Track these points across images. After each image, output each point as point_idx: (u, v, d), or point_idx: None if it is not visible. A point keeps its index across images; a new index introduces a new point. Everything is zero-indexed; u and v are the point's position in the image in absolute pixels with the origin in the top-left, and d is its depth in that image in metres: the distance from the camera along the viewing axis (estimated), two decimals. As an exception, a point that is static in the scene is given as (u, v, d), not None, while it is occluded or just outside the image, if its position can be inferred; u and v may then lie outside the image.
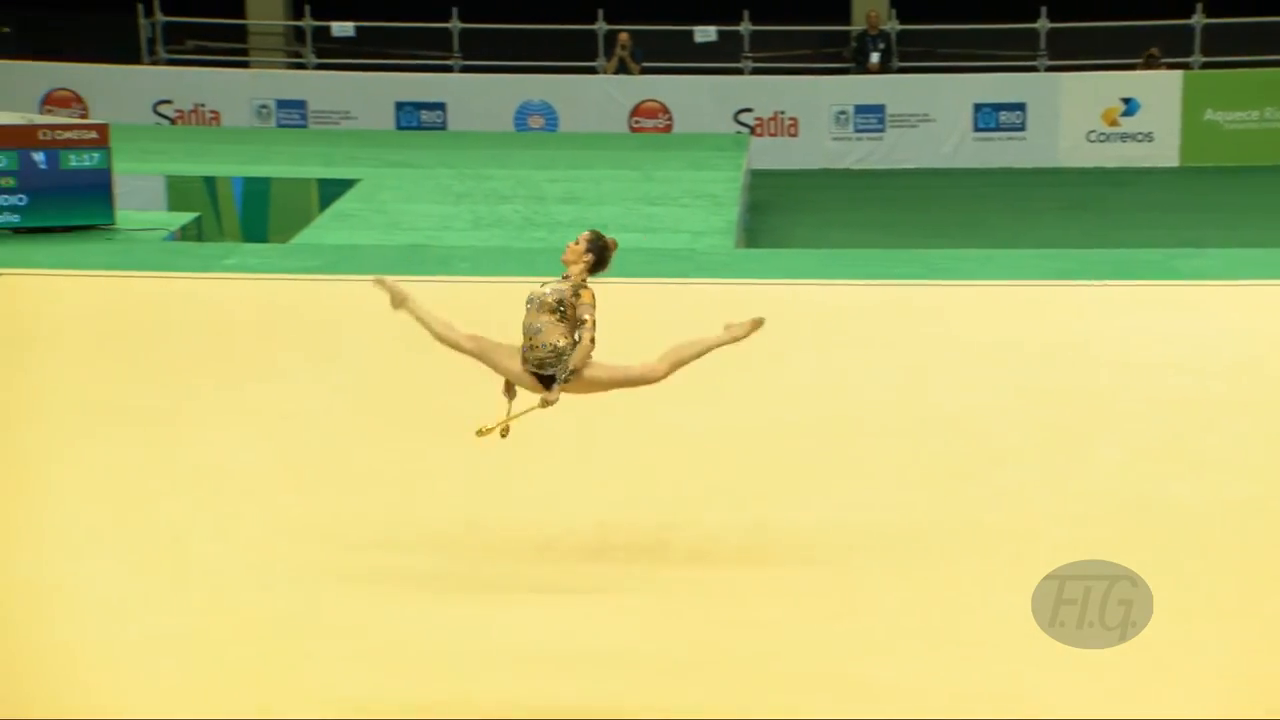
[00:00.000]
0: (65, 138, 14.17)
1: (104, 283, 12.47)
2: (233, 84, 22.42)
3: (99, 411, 8.96)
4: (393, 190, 17.62)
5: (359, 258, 13.83)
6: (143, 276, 12.76)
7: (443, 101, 22.58)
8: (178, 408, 9.18)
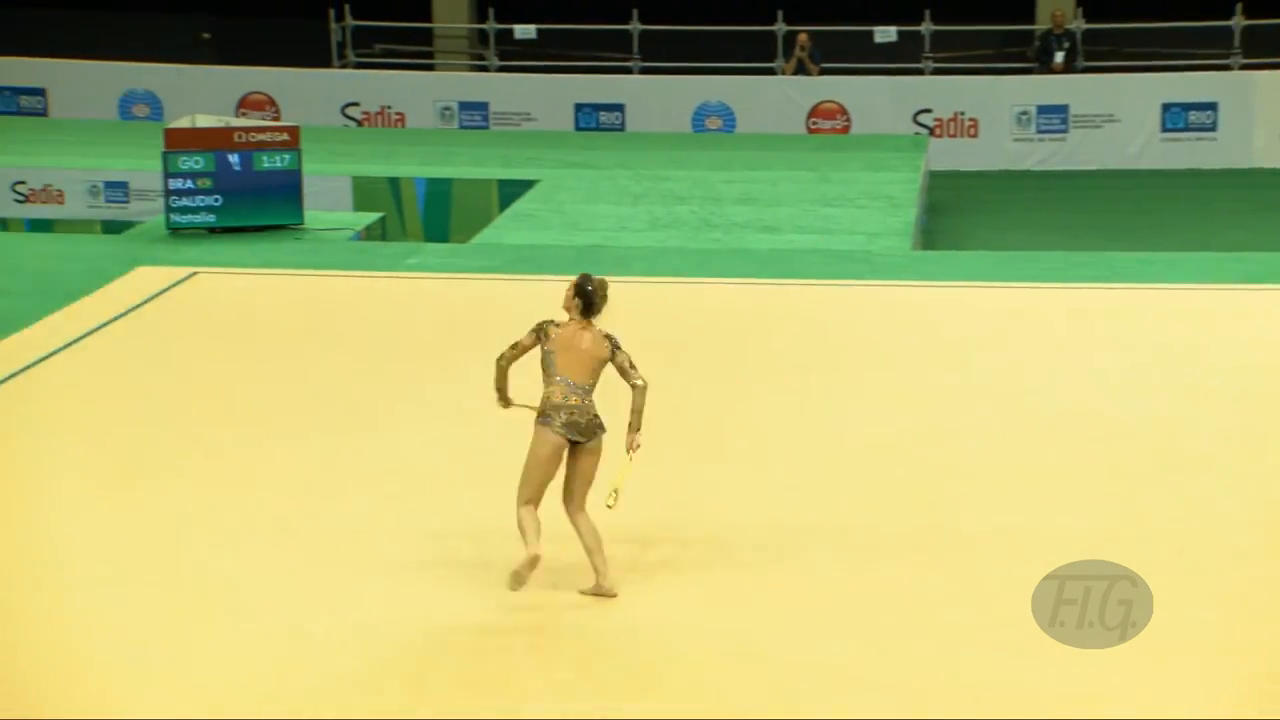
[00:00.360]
0: (258, 140, 14.58)
1: (292, 281, 12.82)
2: (417, 86, 22.82)
3: (286, 406, 9.23)
4: (571, 191, 17.79)
5: (537, 258, 14.01)
6: (329, 275, 13.09)
7: (621, 103, 22.73)
8: (361, 404, 9.41)
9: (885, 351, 10.93)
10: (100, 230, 17.46)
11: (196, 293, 12.33)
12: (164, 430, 8.73)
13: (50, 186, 18.08)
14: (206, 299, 12.16)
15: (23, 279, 12.62)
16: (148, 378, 7.73)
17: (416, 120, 22.62)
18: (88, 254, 13.75)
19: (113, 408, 9.27)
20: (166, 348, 10.66)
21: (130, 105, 22.42)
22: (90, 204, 18.09)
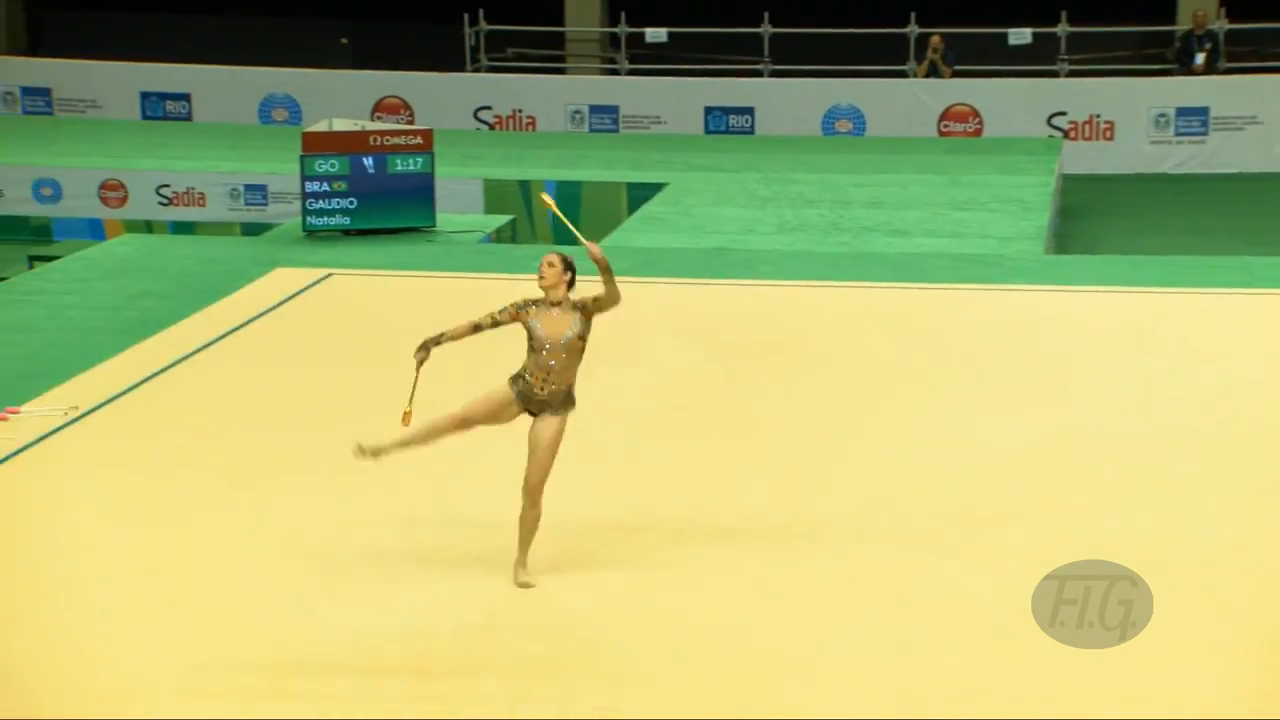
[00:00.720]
0: (393, 143, 14.82)
1: (424, 283, 13.01)
2: (549, 89, 23.03)
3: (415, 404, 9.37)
4: (700, 194, 17.83)
5: (665, 260, 14.07)
6: (459, 277, 13.26)
7: (751, 106, 22.71)
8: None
9: (1016, 356, 10.81)
10: (240, 232, 17.88)
11: (331, 294, 12.57)
12: (297, 427, 8.92)
13: (193, 190, 18.56)
14: (341, 300, 12.39)
15: (166, 280, 12.98)
16: (283, 377, 7.91)
17: (547, 124, 22.82)
18: (228, 256, 14.09)
19: (249, 406, 9.49)
20: (302, 347, 10.89)
21: (270, 110, 22.90)
22: (230, 206, 18.54)
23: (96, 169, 18.73)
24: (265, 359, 10.26)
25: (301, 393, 9.69)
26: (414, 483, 8.12)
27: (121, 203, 18.57)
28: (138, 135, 21.44)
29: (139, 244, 14.67)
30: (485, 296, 12.75)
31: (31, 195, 18.55)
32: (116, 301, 12.17)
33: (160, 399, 9.69)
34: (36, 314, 11.71)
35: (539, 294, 7.07)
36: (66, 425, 9.00)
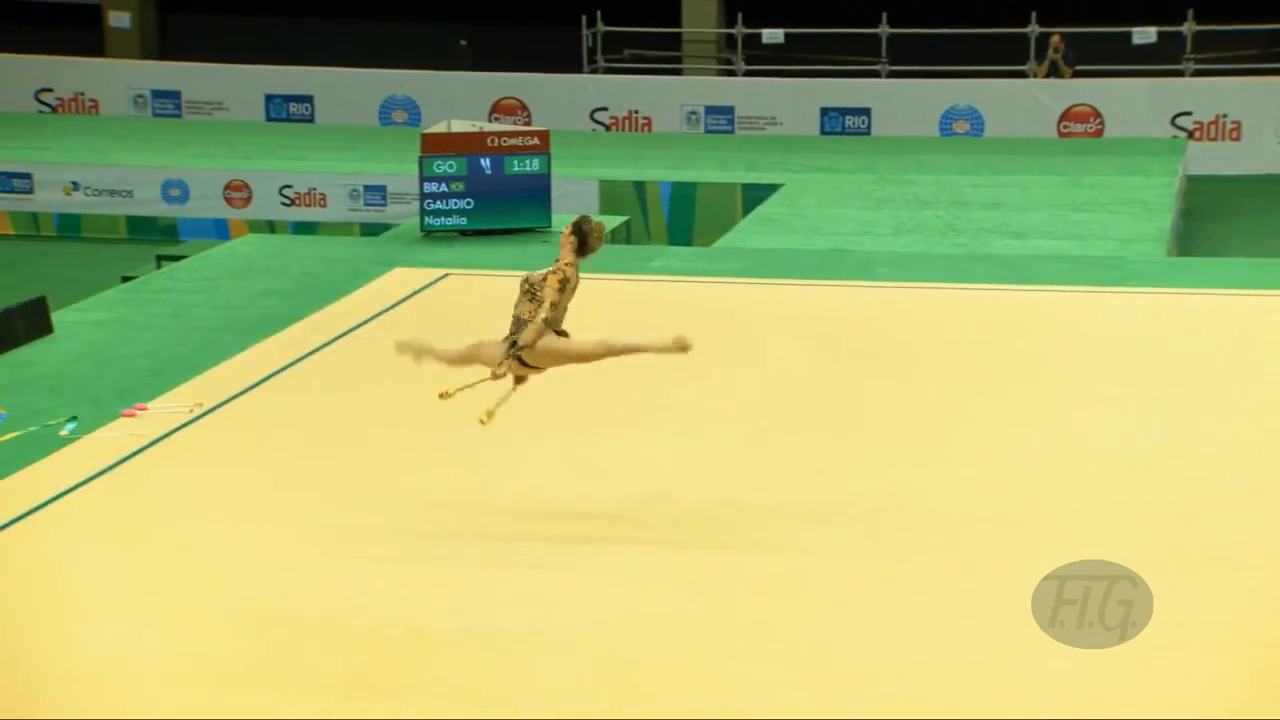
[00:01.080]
0: (510, 144, 14.96)
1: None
2: (665, 90, 23.09)
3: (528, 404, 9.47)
4: (815, 195, 17.78)
5: (779, 261, 14.05)
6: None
7: (868, 107, 22.59)
8: (600, 405, 9.60)
9: (1134, 359, 10.66)
10: (359, 232, 18.16)
11: (448, 293, 12.72)
12: (413, 425, 9.04)
13: (314, 190, 18.88)
14: (457, 300, 12.54)
15: (287, 280, 13.22)
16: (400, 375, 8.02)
17: (663, 124, 22.88)
18: (347, 256, 14.32)
19: (367, 403, 9.64)
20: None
21: (390, 111, 23.21)
22: (350, 207, 18.83)
23: (222, 170, 19.14)
24: (383, 357, 10.38)
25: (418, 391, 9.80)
26: (534, 471, 8.20)
27: (246, 203, 18.95)
28: (262, 137, 21.85)
29: (262, 244, 14.96)
30: (598, 297, 12.86)
31: (160, 196, 18.99)
32: (240, 300, 12.43)
33: (281, 396, 9.88)
34: (163, 313, 12.00)
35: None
36: (191, 422, 9.21)
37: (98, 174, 19.06)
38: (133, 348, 10.93)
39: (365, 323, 11.67)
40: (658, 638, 6.41)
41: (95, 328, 11.48)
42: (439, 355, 7.35)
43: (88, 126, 22.48)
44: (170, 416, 9.25)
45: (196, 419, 9.27)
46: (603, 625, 6.52)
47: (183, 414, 9.32)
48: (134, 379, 10.10)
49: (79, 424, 9.08)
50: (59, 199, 19.03)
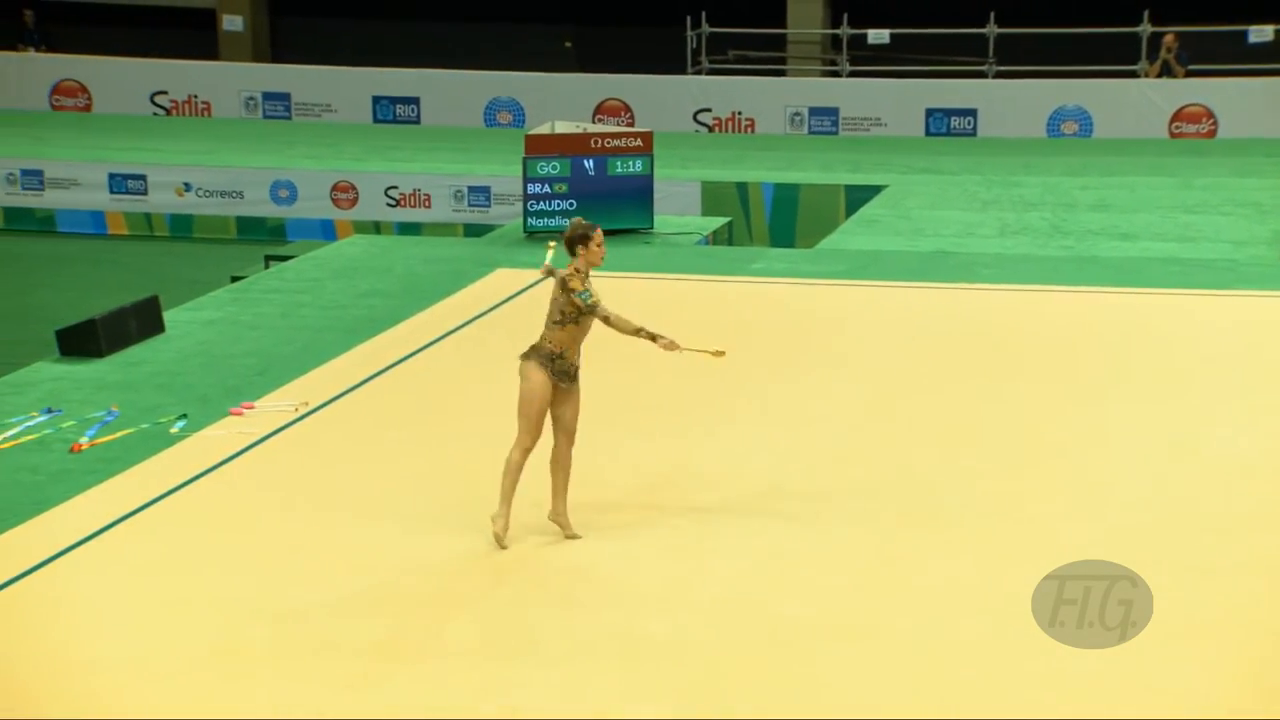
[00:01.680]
0: (613, 145, 15.01)
1: (641, 284, 13.12)
2: (769, 91, 23.03)
3: (630, 405, 9.50)
4: (919, 196, 17.64)
5: (882, 263, 13.97)
6: (676, 279, 13.37)
7: (974, 108, 22.36)
8: (700, 406, 9.61)
9: (1248, 364, 10.47)
10: (462, 233, 18.31)
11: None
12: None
13: (419, 191, 19.07)
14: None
15: (392, 280, 13.37)
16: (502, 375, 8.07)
17: (767, 126, 22.81)
18: (451, 256, 14.45)
19: (469, 403, 9.72)
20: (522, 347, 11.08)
21: (495, 112, 23.37)
22: (455, 208, 18.99)
23: (329, 171, 19.39)
24: (486, 358, 10.50)
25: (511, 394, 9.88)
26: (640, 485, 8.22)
27: (352, 204, 19.18)
28: (369, 138, 22.10)
29: (367, 244, 15.14)
30: (701, 298, 12.88)
31: (269, 197, 19.29)
32: (345, 300, 12.59)
33: (385, 395, 9.99)
34: (271, 312, 12.18)
35: (552, 273, 7.49)
36: (297, 421, 9.35)
37: (209, 175, 19.39)
38: (241, 347, 11.11)
39: (468, 323, 11.77)
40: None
41: (205, 327, 11.69)
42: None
43: (200, 128, 22.88)
44: (276, 415, 9.39)
45: (302, 418, 9.41)
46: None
47: (288, 413, 9.46)
48: (242, 378, 10.27)
49: (188, 422, 9.24)
50: (172, 200, 19.38)
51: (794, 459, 8.64)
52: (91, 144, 20.89)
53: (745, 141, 22.15)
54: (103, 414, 9.36)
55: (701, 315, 12.08)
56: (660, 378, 10.08)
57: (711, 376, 10.25)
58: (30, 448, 8.79)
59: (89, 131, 22.19)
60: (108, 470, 8.42)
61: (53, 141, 21.09)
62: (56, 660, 6.35)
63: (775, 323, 11.84)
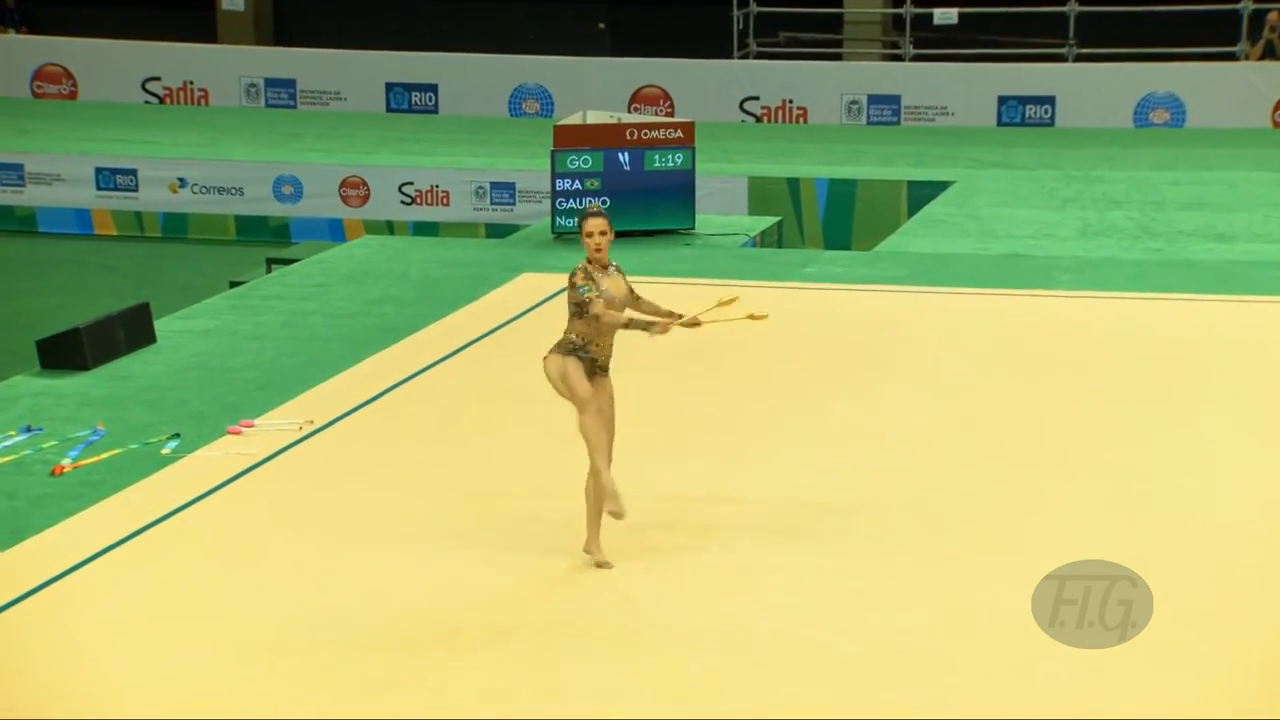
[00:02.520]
0: (650, 137, 15.04)
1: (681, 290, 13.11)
2: (823, 78, 23.04)
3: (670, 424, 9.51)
4: (989, 193, 17.61)
5: (948, 268, 13.95)
6: (719, 284, 13.36)
7: (1051, 95, 22.33)
8: (742, 422, 9.60)
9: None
10: (484, 234, 18.39)
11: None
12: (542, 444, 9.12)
13: (436, 188, 19.16)
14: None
15: (406, 285, 13.43)
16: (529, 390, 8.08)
17: (821, 115, 22.82)
18: (471, 259, 14.50)
19: (492, 421, 9.75)
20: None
21: (520, 101, 23.45)
22: (476, 206, 19.06)
23: (338, 165, 19.51)
24: (510, 371, 10.52)
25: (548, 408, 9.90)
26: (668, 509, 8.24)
27: (363, 201, 19.29)
28: (382, 129, 22.23)
29: (379, 246, 15.22)
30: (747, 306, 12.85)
31: (272, 194, 19.41)
32: (355, 308, 12.66)
33: (399, 412, 10.03)
34: (273, 321, 12.25)
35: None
36: (302, 440, 9.39)
37: (206, 169, 19.54)
38: (240, 359, 11.18)
39: (491, 333, 11.81)
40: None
41: (200, 337, 11.76)
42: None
43: (196, 118, 23.06)
44: (279, 434, 9.44)
45: (307, 437, 9.45)
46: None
47: (293, 432, 9.50)
48: (241, 393, 10.33)
49: (181, 442, 9.30)
50: (164, 197, 19.53)
51: (850, 482, 8.63)
52: (77, 135, 21.08)
53: (797, 133, 22.16)
54: (87, 433, 9.43)
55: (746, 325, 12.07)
56: (700, 393, 10.08)
57: (757, 392, 10.24)
58: (8, 470, 8.86)
59: (74, 121, 22.40)
60: (93, 495, 8.47)
61: (34, 133, 21.30)
62: (35, 705, 6.38)
63: (829, 334, 11.83)
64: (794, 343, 11.45)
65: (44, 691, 6.47)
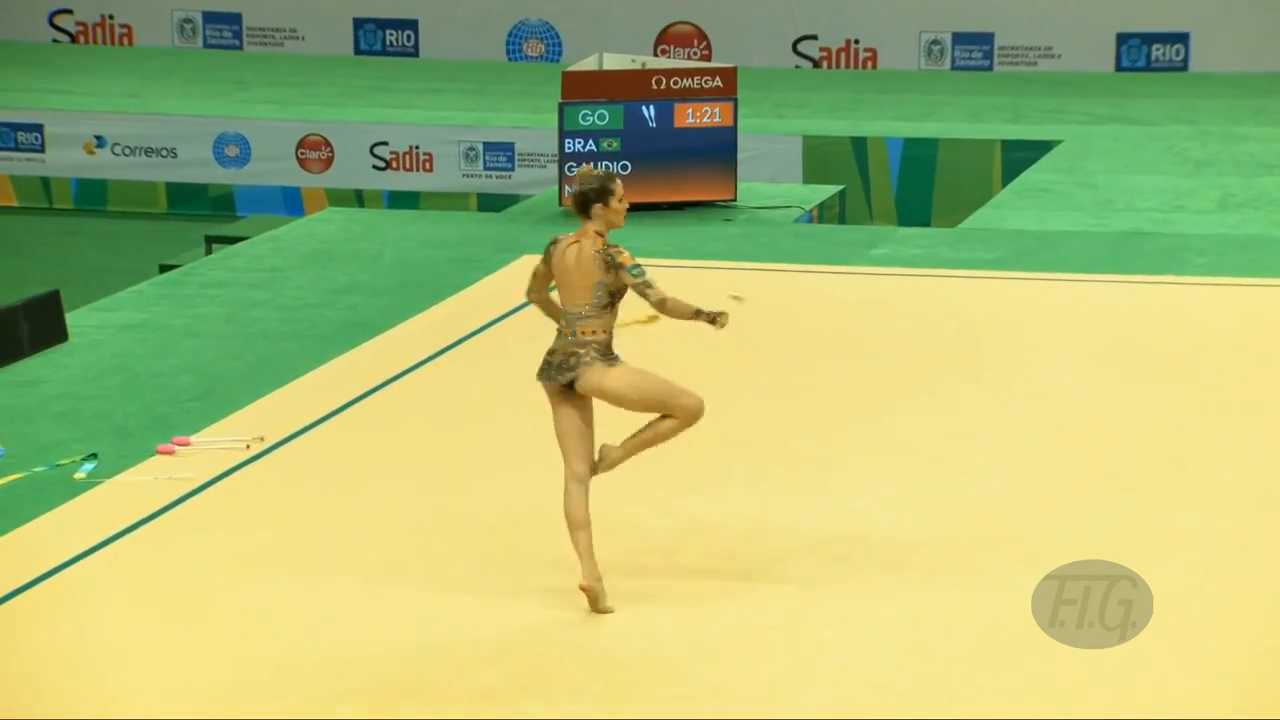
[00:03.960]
0: (682, 86, 15.05)
1: (718, 277, 13.13)
2: (895, 10, 22.83)
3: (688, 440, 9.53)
4: (1104, 155, 17.56)
5: (1056, 247, 13.92)
6: (766, 269, 13.36)
7: (1184, 32, 22.26)
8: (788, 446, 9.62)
9: None
10: (476, 206, 18.42)
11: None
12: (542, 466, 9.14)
13: (416, 149, 19.18)
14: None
15: (380, 272, 13.45)
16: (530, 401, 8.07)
17: (892, 58, 22.77)
18: (461, 238, 14.52)
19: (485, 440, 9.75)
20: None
21: (520, 42, 23.45)
22: (465, 172, 19.09)
23: (294, 121, 19.54)
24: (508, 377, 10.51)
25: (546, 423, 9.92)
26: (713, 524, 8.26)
27: (325, 165, 19.34)
28: (348, 76, 22.24)
29: (346, 221, 15.25)
30: (801, 298, 12.88)
31: (213, 155, 19.46)
32: (315, 298, 12.68)
33: (370, 429, 10.05)
34: (214, 314, 12.29)
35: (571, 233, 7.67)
36: (249, 462, 9.42)
37: (130, 125, 19.58)
38: (172, 361, 11.21)
39: (483, 329, 11.82)
40: None
41: (123, 333, 11.80)
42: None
43: (118, 61, 23.09)
44: (221, 455, 9.47)
45: (257, 458, 9.47)
46: None
47: (239, 451, 9.53)
48: (174, 403, 10.36)
49: (99, 464, 9.33)
50: (78, 159, 19.59)
51: (927, 513, 8.63)
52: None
53: (863, 80, 22.12)
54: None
55: (800, 321, 12.07)
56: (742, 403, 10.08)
57: (813, 404, 10.24)
58: (-116, 499, 8.90)
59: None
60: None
61: (-86, 80, 21.35)
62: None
63: (902, 331, 11.81)
64: (858, 345, 11.44)
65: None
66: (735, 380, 10.55)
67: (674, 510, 8.63)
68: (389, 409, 10.38)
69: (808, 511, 8.70)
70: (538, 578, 7.89)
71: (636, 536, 8.26)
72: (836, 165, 17.91)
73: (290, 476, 9.31)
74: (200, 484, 9.10)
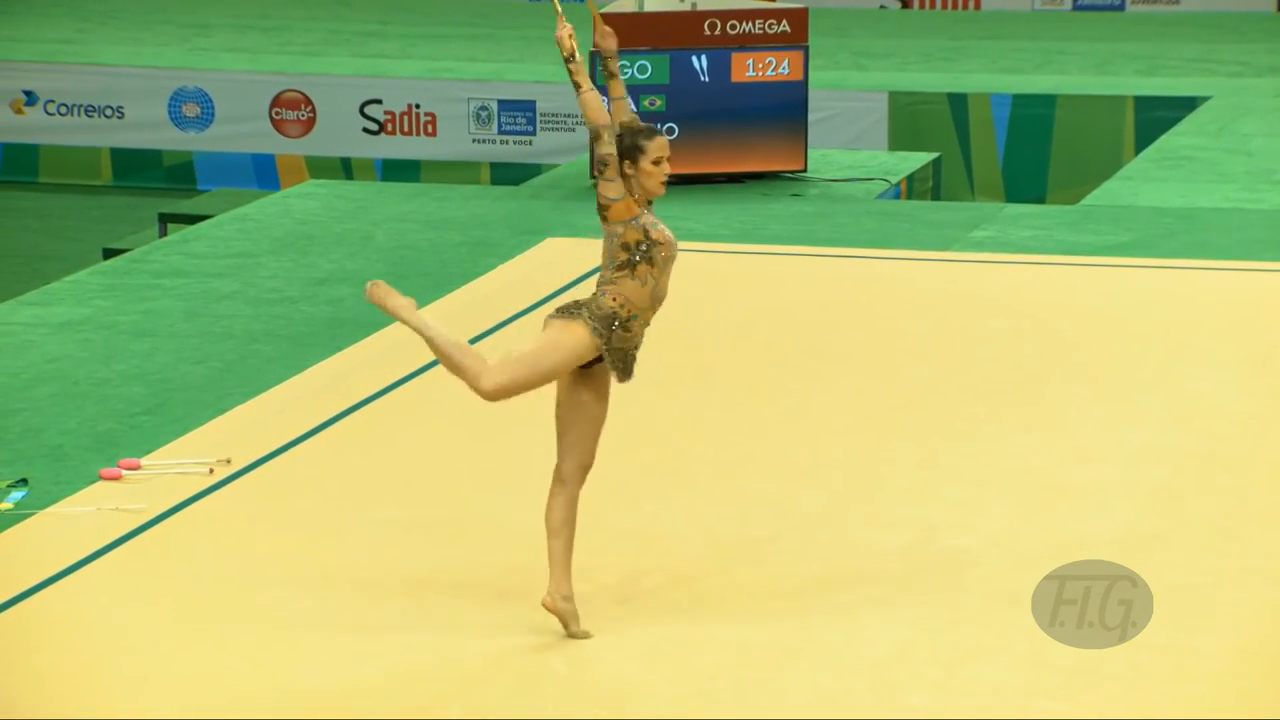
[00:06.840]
0: (742, 32, 15.07)
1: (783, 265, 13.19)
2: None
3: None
4: (1262, 115, 17.54)
5: (1199, 228, 13.93)
6: (842, 255, 13.37)
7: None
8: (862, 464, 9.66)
9: None
10: (488, 179, 18.47)
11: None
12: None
13: (416, 108, 19.22)
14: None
15: (372, 256, 13.50)
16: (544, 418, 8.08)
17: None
18: (470, 216, 14.56)
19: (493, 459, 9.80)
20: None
21: (543, -24, 23.53)
22: (475, 135, 19.13)
23: (267, 73, 19.61)
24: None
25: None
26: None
27: (305, 128, 19.41)
28: (332, 18, 22.28)
29: (331, 196, 15.30)
30: (884, 288, 12.82)
31: (167, 115, 19.54)
32: (293, 290, 12.74)
33: (357, 449, 10.11)
34: (170, 310, 12.36)
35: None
36: (213, 490, 9.48)
37: (66, 79, 19.67)
38: (120, 366, 11.28)
39: (498, 328, 11.87)
40: None
41: (59, 333, 11.87)
42: None
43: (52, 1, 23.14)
44: (179, 480, 9.52)
45: (222, 485, 9.54)
46: None
47: (200, 476, 9.59)
48: (121, 418, 10.42)
49: (31, 491, 9.37)
50: (6, 120, 19.67)
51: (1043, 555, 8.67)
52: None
53: (962, 23, 22.13)
54: (-108, 478, 9.55)
55: (884, 320, 12.08)
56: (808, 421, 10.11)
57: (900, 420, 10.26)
58: None
59: None
60: (-100, 571, 8.59)
61: None
62: None
63: (1009, 332, 11.83)
64: (956, 347, 11.46)
65: None
66: (809, 393, 10.59)
67: (744, 538, 8.66)
68: (380, 426, 10.43)
69: (895, 552, 8.73)
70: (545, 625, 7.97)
71: (669, 556, 8.34)
72: (930, 128, 17.93)
73: (261, 508, 9.37)
74: (153, 516, 9.15)
